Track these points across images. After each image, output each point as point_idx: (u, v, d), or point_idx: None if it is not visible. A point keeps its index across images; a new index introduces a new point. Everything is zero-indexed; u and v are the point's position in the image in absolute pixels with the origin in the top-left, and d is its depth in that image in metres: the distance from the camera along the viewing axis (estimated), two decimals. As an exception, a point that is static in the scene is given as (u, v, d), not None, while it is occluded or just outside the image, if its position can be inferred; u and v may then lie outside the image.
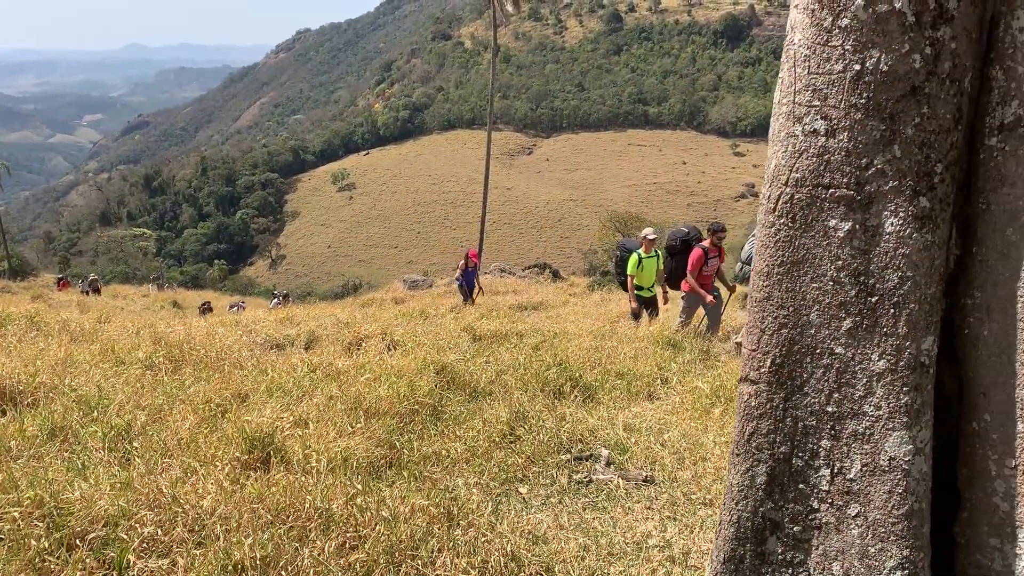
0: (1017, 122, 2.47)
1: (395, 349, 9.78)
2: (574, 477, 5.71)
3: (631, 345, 10.02)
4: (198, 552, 3.87)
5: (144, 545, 3.91)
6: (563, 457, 6.00)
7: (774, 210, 2.69)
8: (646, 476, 5.62)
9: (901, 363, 2.53)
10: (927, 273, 2.53)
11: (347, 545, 4.16)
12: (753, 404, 2.71)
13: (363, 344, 10.12)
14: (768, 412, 2.69)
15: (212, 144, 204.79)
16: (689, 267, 11.09)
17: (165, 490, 4.38)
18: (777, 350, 2.67)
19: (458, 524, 4.48)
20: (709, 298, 11.20)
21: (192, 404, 6.37)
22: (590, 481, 5.64)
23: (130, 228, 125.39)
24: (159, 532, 4.01)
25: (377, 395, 6.77)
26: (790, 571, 2.66)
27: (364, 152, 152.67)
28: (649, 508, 5.16)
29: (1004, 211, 2.51)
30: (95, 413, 5.98)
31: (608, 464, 5.92)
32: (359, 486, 4.74)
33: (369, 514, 4.37)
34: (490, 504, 4.99)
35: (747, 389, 2.75)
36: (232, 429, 5.46)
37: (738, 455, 2.72)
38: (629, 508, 5.18)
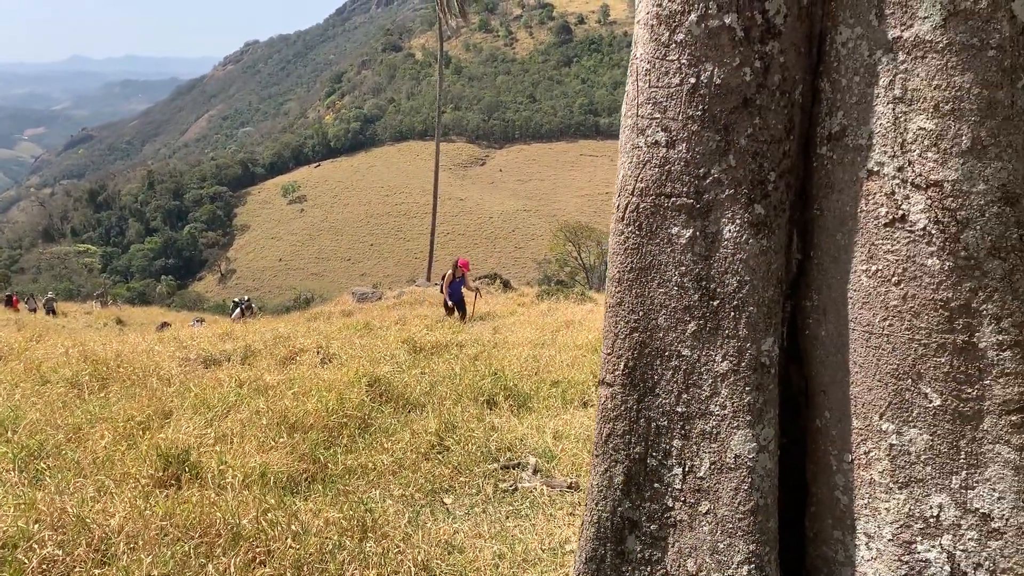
0: (842, 132, 2.59)
1: (330, 362, 9.74)
2: (500, 486, 5.73)
3: (569, 353, 10.11)
4: (99, 571, 3.83)
5: (43, 566, 3.85)
6: (491, 466, 6.02)
7: (622, 219, 2.78)
8: (571, 483, 5.65)
9: (743, 364, 2.63)
10: (764, 277, 2.64)
11: (256, 560, 4.13)
12: (609, 406, 2.79)
13: (298, 358, 10.05)
14: (623, 414, 2.77)
15: (159, 158, 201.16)
16: None
17: (70, 510, 4.31)
18: (629, 353, 2.75)
19: (371, 536, 4.48)
20: None
21: (112, 423, 6.26)
22: (515, 489, 5.66)
23: (74, 244, 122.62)
24: (61, 552, 3.94)
25: (305, 409, 6.73)
26: (648, 569, 2.73)
27: (315, 164, 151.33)
28: (571, 515, 5.19)
29: (835, 216, 2.63)
30: (8, 434, 5.85)
31: (535, 472, 5.95)
32: (272, 501, 4.71)
33: (279, 528, 4.35)
34: (407, 515, 4.99)
35: (604, 392, 2.82)
36: (146, 446, 5.39)
37: (597, 456, 2.79)
38: (551, 515, 5.21)
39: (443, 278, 17.89)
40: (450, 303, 17.44)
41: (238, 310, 24.89)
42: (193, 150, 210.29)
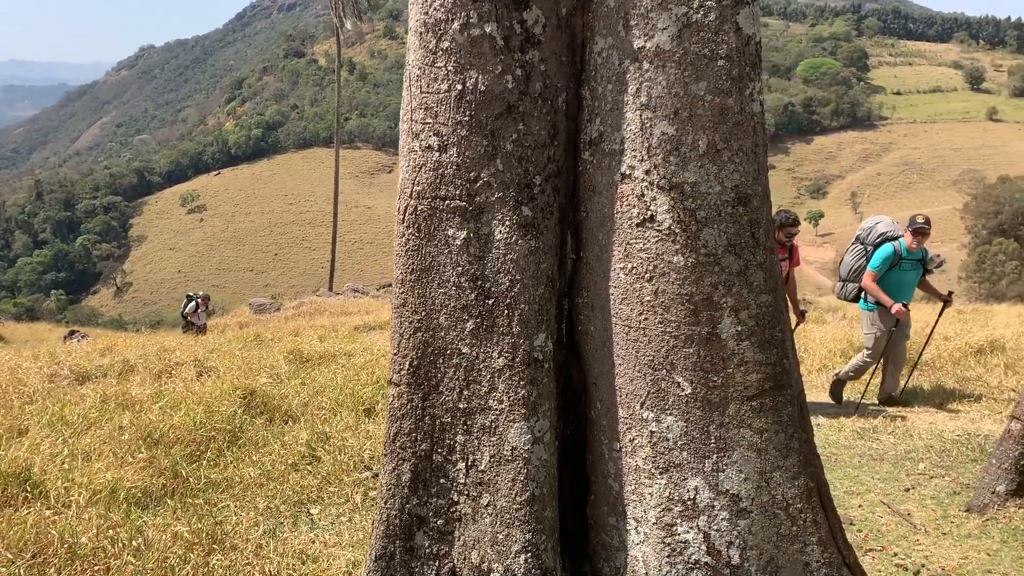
0: (600, 137, 2.74)
1: (207, 375, 9.50)
2: (370, 494, 5.71)
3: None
4: (-87, 599, 3.66)
5: None
6: (362, 475, 5.99)
7: (403, 221, 2.86)
8: (441, 487, 5.67)
9: (517, 359, 2.74)
10: (535, 276, 2.76)
11: (95, 577, 4.03)
12: (396, 405, 2.86)
13: (173, 371, 9.77)
14: (409, 412, 2.84)
15: (48, 166, 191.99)
16: None
17: None
18: (414, 353, 2.83)
19: (219, 549, 4.41)
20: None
21: (-43, 444, 5.96)
22: (385, 497, 5.65)
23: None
24: None
25: (171, 423, 6.56)
26: (436, 563, 2.81)
27: (215, 172, 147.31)
28: (436, 518, 5.22)
29: (597, 218, 2.78)
30: None
31: (406, 478, 5.95)
32: (117, 517, 4.59)
33: (120, 544, 4.25)
34: (263, 527, 4.93)
35: (392, 391, 2.89)
36: (-16, 466, 5.16)
37: (386, 455, 2.86)
38: (416, 520, 5.22)
39: None
40: None
41: (192, 303, 19.23)
42: (85, 159, 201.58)
